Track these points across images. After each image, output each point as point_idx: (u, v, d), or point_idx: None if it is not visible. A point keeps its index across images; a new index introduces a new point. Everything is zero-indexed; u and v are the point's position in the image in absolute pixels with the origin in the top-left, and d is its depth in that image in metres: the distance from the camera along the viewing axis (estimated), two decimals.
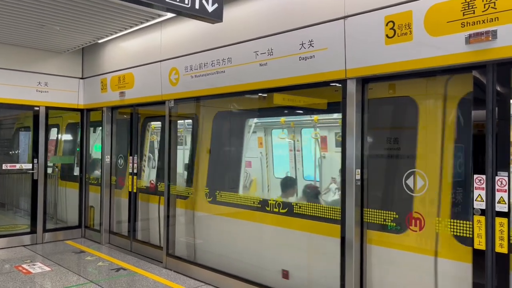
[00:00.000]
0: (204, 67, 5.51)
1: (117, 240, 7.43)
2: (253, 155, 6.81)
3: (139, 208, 7.05)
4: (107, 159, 7.67)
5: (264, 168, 6.83)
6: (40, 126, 7.69)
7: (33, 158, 7.65)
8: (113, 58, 7.35)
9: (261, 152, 6.33)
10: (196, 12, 4.17)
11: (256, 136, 6.83)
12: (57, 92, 7.83)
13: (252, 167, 6.75)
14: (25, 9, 5.31)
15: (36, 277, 5.70)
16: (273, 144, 6.76)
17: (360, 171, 4.06)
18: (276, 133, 6.84)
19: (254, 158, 6.83)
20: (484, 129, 3.27)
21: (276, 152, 6.79)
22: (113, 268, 6.13)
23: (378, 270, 4.02)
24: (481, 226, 3.26)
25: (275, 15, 4.71)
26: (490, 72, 3.25)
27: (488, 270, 3.24)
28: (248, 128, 6.20)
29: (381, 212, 3.96)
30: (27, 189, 7.87)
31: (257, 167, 6.77)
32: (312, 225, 4.51)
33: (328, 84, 4.30)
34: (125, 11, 5.41)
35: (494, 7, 3.13)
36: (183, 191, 6.23)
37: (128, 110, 7.33)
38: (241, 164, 5.83)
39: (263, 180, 6.81)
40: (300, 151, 6.54)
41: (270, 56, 4.70)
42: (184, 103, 6.15)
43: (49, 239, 7.76)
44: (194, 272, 5.68)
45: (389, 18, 3.70)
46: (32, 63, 7.56)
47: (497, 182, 3.20)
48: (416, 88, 3.92)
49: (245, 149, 5.89)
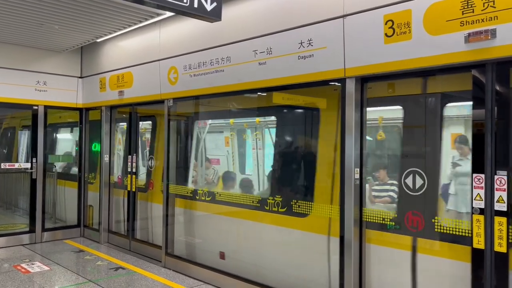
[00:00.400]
0: (203, 66, 5.51)
1: (115, 239, 7.43)
2: (221, 154, 7.37)
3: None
4: (106, 158, 7.66)
5: (230, 165, 7.37)
6: (39, 126, 7.68)
7: (32, 157, 7.64)
8: (112, 57, 7.34)
9: (227, 150, 6.57)
10: (195, 11, 4.16)
11: (223, 135, 7.35)
12: (56, 91, 7.82)
13: (220, 164, 7.36)
14: (24, 8, 5.30)
15: (35, 276, 5.70)
16: (238, 143, 7.27)
17: (359, 170, 4.06)
18: (240, 132, 7.29)
19: (221, 156, 7.42)
20: (483, 128, 3.27)
21: (240, 150, 7.30)
22: (112, 267, 6.13)
23: (386, 270, 4.02)
24: (480, 225, 3.26)
25: (274, 13, 4.70)
26: (489, 71, 3.24)
27: (487, 270, 3.24)
28: (201, 129, 6.84)
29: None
30: (26, 188, 7.86)
31: (224, 164, 7.40)
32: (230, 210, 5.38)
33: (327, 83, 4.30)
34: (124, 10, 5.40)
35: (493, 6, 3.12)
36: (142, 185, 7.09)
37: (127, 109, 7.32)
38: (191, 161, 6.56)
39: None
40: (255, 149, 7.08)
41: (269, 55, 4.69)
42: (183, 101, 6.14)
43: (48, 238, 7.76)
44: (193, 271, 5.68)
45: (388, 17, 3.70)
46: (31, 62, 7.55)
47: (496, 181, 3.19)
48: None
49: (196, 148, 6.59)
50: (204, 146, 6.62)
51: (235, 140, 7.14)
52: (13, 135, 10.10)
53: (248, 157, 7.18)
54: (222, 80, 5.27)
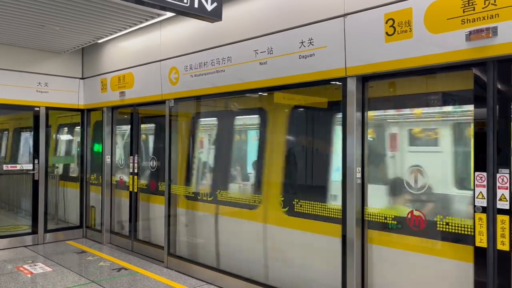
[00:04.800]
0: (204, 66, 5.50)
1: (117, 240, 7.44)
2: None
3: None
4: (107, 159, 7.66)
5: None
6: (41, 127, 7.69)
7: (34, 158, 7.66)
8: (113, 58, 7.35)
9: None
10: (195, 11, 4.16)
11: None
12: (57, 92, 7.83)
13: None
14: (25, 9, 5.30)
15: (37, 277, 5.70)
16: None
17: (361, 170, 4.05)
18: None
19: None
20: (485, 126, 3.26)
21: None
22: (114, 268, 6.13)
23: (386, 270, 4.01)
24: (482, 224, 3.25)
25: (275, 13, 4.70)
26: (491, 69, 3.24)
27: (490, 268, 3.23)
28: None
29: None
30: (28, 190, 7.87)
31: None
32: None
33: (328, 82, 4.30)
34: (124, 10, 5.40)
35: (494, 3, 3.11)
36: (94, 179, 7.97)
37: (128, 110, 7.33)
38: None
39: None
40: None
41: (270, 55, 4.69)
42: (184, 102, 6.14)
43: (51, 239, 7.77)
44: (195, 271, 5.68)
45: (389, 16, 3.69)
46: (32, 63, 7.56)
47: (498, 180, 3.19)
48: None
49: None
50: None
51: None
52: (6, 137, 10.16)
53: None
54: (223, 80, 5.27)
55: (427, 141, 4.13)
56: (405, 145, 4.24)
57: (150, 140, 7.58)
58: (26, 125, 8.68)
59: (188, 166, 6.38)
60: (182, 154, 6.43)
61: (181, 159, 6.38)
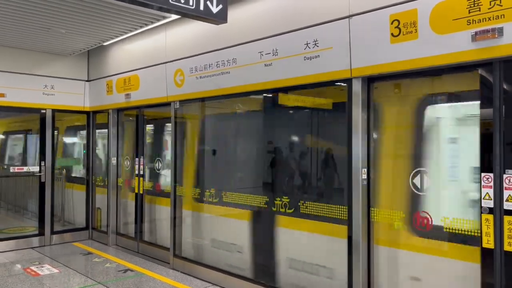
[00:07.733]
0: (209, 68, 5.52)
1: (123, 242, 7.46)
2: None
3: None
4: (113, 161, 7.70)
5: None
6: (47, 129, 7.74)
7: (40, 160, 7.70)
8: (119, 60, 7.38)
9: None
10: (201, 13, 4.17)
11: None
12: (63, 94, 7.87)
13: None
14: (31, 12, 5.34)
15: (44, 279, 5.74)
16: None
17: (366, 171, 4.05)
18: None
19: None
20: (491, 127, 3.25)
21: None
22: (120, 270, 6.16)
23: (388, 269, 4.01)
24: (489, 225, 3.24)
25: (280, 15, 4.70)
26: (497, 70, 3.23)
27: (497, 269, 3.21)
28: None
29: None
30: (35, 192, 7.91)
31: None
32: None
33: (333, 83, 4.30)
34: (129, 13, 5.43)
35: (500, 4, 3.11)
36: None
37: (134, 112, 7.36)
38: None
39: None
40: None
41: (275, 56, 4.70)
42: (189, 104, 6.16)
43: (57, 241, 7.81)
44: (201, 272, 5.69)
45: (394, 17, 3.69)
46: (38, 66, 7.62)
47: (505, 180, 3.17)
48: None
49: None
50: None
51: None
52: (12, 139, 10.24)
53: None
54: (229, 82, 5.28)
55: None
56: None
57: (156, 141, 7.61)
58: (32, 127, 8.73)
59: (195, 168, 6.40)
60: (188, 155, 6.45)
61: (186, 161, 6.40)
